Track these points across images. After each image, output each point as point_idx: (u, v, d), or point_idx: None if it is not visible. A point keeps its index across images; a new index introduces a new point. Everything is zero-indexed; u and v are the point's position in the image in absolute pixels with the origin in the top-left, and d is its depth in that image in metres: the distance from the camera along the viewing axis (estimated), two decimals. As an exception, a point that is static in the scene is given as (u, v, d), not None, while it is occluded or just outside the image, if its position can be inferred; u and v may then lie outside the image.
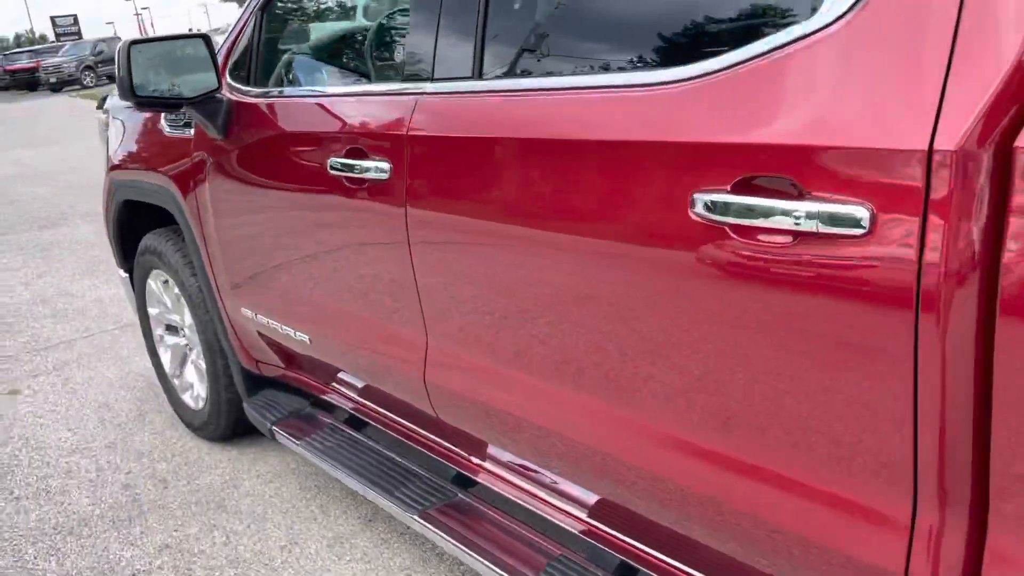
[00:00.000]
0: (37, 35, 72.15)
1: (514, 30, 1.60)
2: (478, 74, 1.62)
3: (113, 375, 3.85)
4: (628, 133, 1.30)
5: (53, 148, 13.21)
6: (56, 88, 30.31)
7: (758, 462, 1.26)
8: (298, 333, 2.31)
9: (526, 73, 1.56)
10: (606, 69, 1.42)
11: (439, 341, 1.81)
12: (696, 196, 1.19)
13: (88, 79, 30.26)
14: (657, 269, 1.29)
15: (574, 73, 1.47)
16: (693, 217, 1.20)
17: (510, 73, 1.58)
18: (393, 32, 2.05)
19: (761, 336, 1.18)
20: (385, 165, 1.76)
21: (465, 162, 1.60)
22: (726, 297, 1.20)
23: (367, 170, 1.81)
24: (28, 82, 32.45)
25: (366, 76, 2.17)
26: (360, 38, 2.19)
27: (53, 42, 43.51)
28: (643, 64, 1.35)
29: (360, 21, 2.26)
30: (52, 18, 50.56)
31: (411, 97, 1.73)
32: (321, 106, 2.05)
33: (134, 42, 2.19)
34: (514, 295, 1.56)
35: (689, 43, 1.30)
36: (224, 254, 2.50)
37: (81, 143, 13.00)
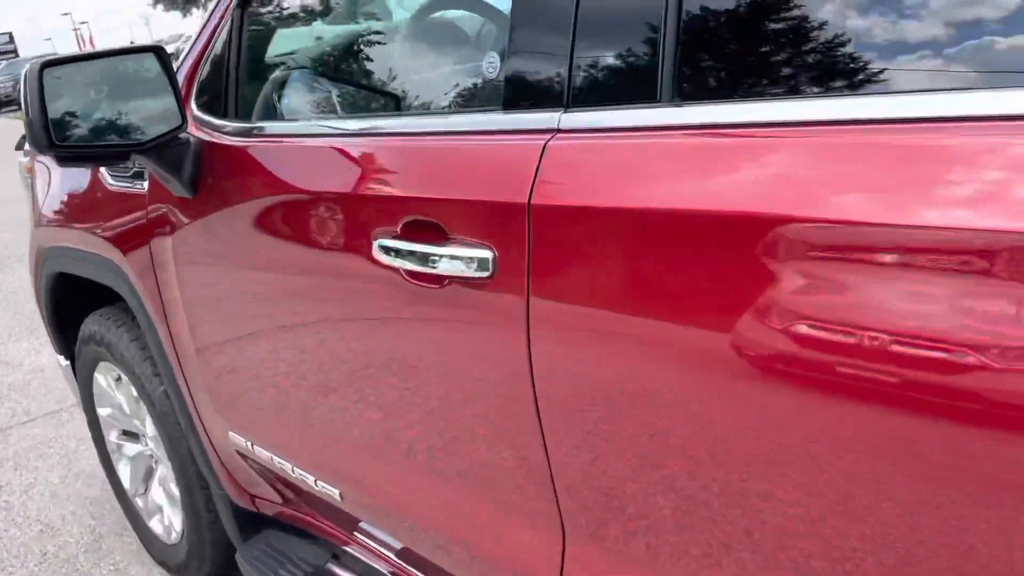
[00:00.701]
0: (-28, 55, 69.76)
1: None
2: (670, 93, 0.90)
3: (58, 478, 3.06)
4: None
5: (-11, 177, 12.17)
6: (-7, 110, 29.13)
7: None
8: (323, 484, 1.56)
9: (791, 87, 0.84)
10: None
11: (588, 541, 1.08)
12: None
13: (26, 99, 28.93)
14: None
15: (919, 87, 0.75)
16: None
17: (750, 87, 0.86)
18: (477, 26, 1.31)
19: None
20: (485, 254, 1.03)
21: (654, 254, 0.88)
22: None
23: (447, 260, 1.08)
24: (-37, 105, 31.12)
25: (426, 101, 1.42)
26: (413, 39, 1.45)
27: (-12, 62, 41.93)
28: None
29: (409, 12, 1.51)
30: (-13, 38, 48.76)
31: (531, 138, 1.00)
32: (346, 152, 1.31)
33: (47, 64, 1.42)
34: (753, 472, 0.85)
35: None
36: (202, 360, 1.75)
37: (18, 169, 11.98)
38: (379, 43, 1.51)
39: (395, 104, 1.43)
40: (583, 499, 1.05)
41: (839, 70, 0.80)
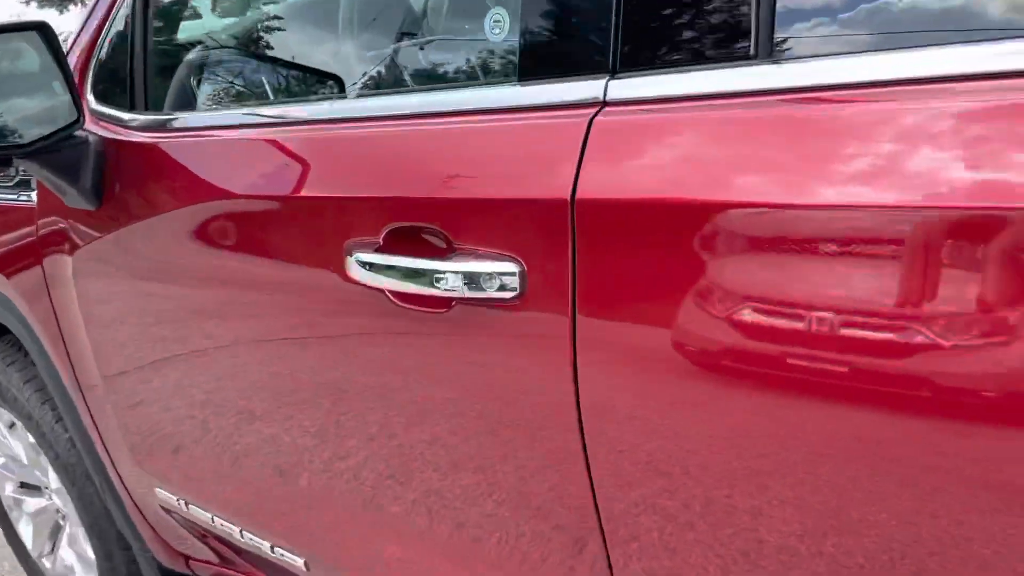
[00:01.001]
0: None
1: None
2: (768, 49, 0.68)
3: (-55, 536, 2.67)
4: None
5: None
6: None
7: None
8: (281, 551, 1.29)
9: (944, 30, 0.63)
10: None
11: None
12: None
13: None
14: None
15: None
16: None
17: (881, 35, 0.65)
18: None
19: None
20: (508, 268, 0.79)
21: (750, 260, 0.66)
22: None
23: (453, 277, 0.84)
24: None
25: (405, 76, 1.15)
26: None
27: None
28: None
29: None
30: None
31: (568, 115, 0.77)
32: (300, 145, 1.04)
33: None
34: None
35: None
36: (115, 400, 1.45)
37: None
38: (329, 6, 1.23)
39: (357, 83, 1.16)
40: (645, 569, 0.83)
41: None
